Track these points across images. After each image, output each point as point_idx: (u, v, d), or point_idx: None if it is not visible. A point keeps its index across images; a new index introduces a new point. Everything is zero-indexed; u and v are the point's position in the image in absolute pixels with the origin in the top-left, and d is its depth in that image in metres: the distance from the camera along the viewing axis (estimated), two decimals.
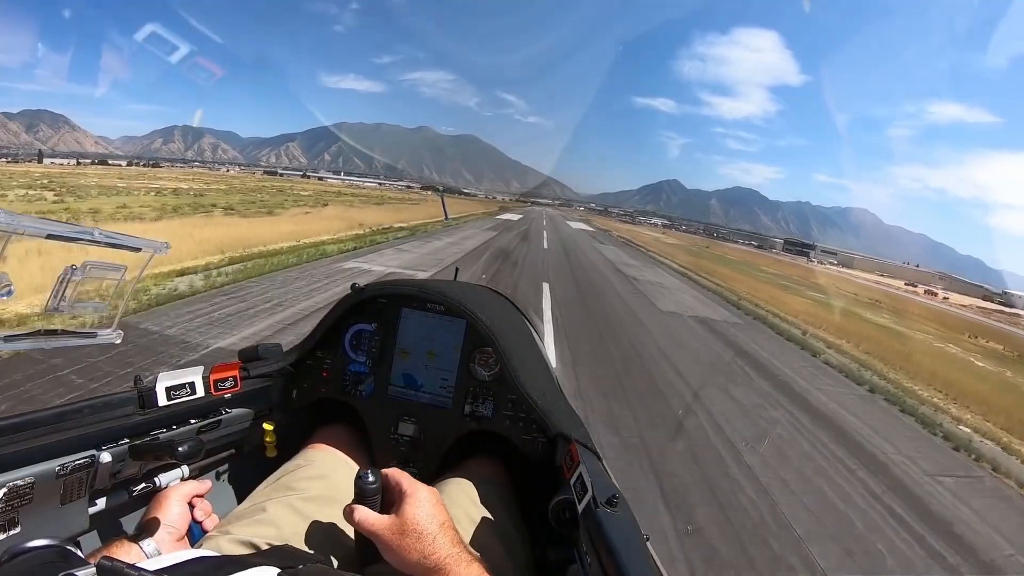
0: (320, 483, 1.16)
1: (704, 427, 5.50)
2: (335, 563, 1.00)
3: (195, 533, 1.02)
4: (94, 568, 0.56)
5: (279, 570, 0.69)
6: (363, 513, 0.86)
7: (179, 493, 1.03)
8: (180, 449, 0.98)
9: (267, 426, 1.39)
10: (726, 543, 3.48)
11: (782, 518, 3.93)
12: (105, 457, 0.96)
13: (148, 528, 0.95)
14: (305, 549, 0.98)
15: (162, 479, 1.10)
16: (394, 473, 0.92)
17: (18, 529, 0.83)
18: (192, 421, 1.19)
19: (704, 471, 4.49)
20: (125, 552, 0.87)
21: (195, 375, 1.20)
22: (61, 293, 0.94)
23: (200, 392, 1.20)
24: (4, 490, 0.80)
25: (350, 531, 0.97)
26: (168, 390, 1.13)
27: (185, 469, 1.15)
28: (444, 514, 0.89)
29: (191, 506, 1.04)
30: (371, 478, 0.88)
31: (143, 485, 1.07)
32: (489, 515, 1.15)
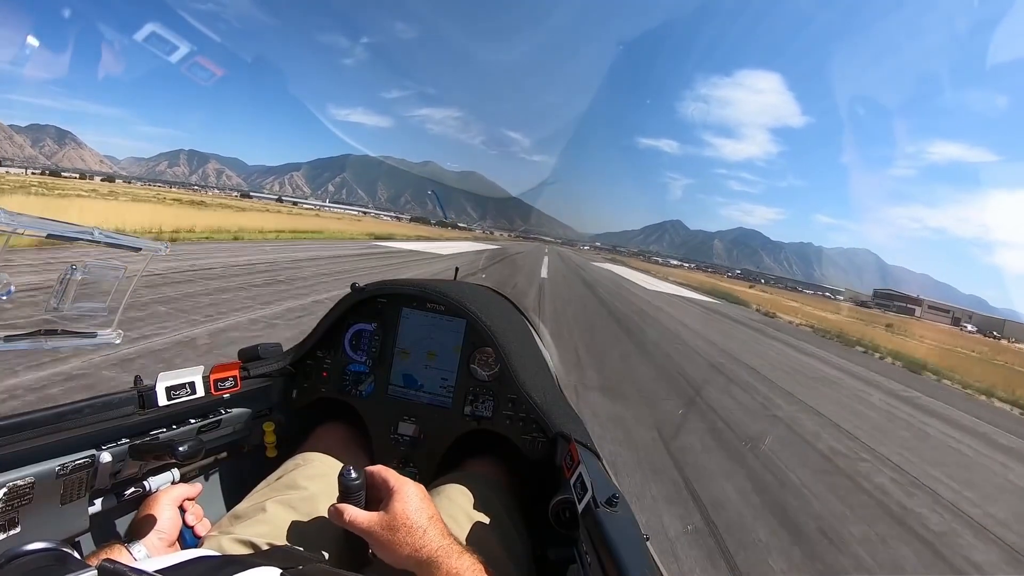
0: (320, 482, 1.16)
1: None
2: (336, 563, 0.99)
3: (186, 538, 1.01)
4: (95, 571, 0.56)
5: (280, 570, 0.69)
6: (352, 512, 0.87)
7: (169, 497, 1.02)
8: (180, 449, 0.98)
9: (267, 426, 1.40)
10: None
11: None
12: (105, 457, 0.96)
13: (138, 533, 0.94)
14: (306, 549, 0.98)
15: (152, 483, 1.08)
16: (379, 470, 0.93)
17: (18, 529, 0.83)
18: (192, 421, 1.18)
19: None
20: (116, 556, 0.86)
21: (195, 375, 1.20)
22: (61, 293, 0.94)
23: (200, 392, 1.20)
24: (4, 490, 0.80)
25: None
26: (168, 390, 1.13)
27: (176, 472, 1.13)
28: (432, 508, 0.90)
29: (182, 510, 1.02)
30: (354, 475, 0.90)
31: (133, 489, 1.05)
32: (489, 515, 1.15)
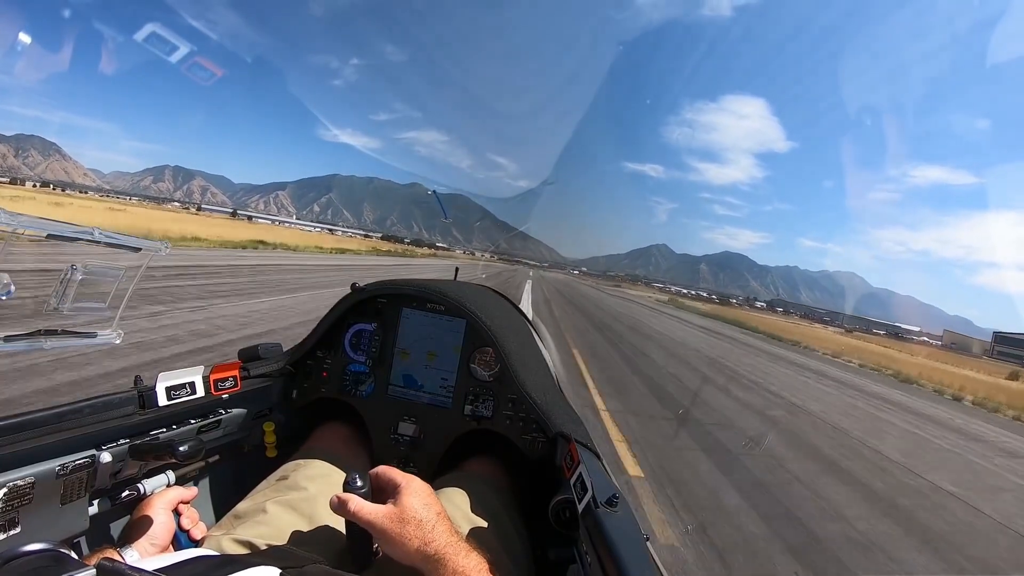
0: (321, 483, 1.16)
1: None
2: (336, 564, 0.99)
3: (181, 541, 0.99)
4: (93, 570, 0.56)
5: (280, 570, 0.69)
6: (357, 503, 0.85)
7: (163, 501, 1.00)
8: (180, 449, 0.97)
9: (267, 426, 1.39)
10: None
11: None
12: (105, 457, 0.95)
13: (130, 537, 0.93)
14: (305, 549, 0.98)
15: (147, 485, 1.07)
16: (383, 469, 0.92)
17: (18, 529, 0.82)
18: (192, 421, 1.18)
19: None
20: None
21: (195, 375, 1.20)
22: (61, 293, 0.94)
23: (200, 392, 1.20)
24: (4, 490, 0.80)
25: None
26: (168, 390, 1.13)
27: (171, 474, 1.12)
28: (439, 504, 0.89)
29: (178, 513, 1.01)
30: (360, 483, 0.88)
31: (128, 491, 1.04)
32: (489, 515, 1.15)
